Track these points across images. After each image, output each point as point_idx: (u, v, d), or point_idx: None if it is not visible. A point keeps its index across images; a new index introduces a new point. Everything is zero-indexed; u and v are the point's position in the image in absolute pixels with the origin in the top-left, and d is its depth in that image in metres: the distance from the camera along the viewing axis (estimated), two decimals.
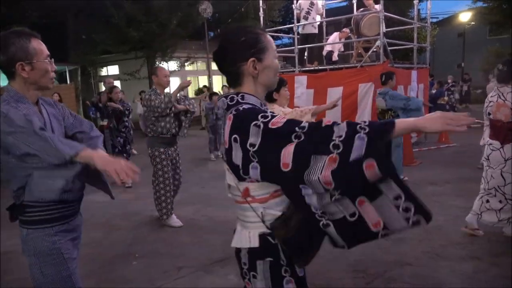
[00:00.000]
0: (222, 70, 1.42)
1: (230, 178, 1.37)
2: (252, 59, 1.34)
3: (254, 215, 1.34)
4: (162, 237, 4.02)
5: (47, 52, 1.65)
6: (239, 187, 1.34)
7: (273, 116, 1.24)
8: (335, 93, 7.32)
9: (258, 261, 1.34)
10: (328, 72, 7.75)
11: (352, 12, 9.17)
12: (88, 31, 15.16)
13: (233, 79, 1.41)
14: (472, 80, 18.50)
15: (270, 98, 3.57)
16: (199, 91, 17.66)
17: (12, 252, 3.54)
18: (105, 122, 7.44)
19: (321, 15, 8.78)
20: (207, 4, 14.55)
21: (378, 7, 7.81)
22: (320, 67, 8.18)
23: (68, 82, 15.78)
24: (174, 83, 20.34)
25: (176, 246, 3.73)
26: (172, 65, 17.21)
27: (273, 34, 12.93)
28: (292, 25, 8.82)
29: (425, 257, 3.20)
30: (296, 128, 1.20)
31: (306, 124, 1.20)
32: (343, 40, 8.91)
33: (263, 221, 1.32)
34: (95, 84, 18.12)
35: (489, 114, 3.40)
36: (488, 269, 2.96)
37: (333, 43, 8.79)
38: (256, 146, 1.22)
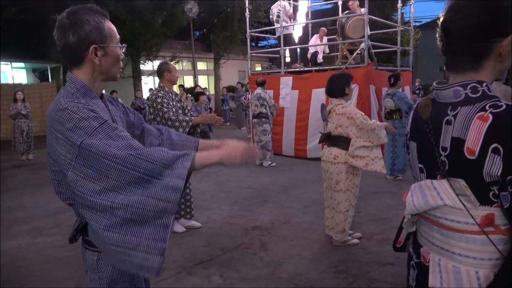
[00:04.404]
0: (451, 45, 1.03)
1: (452, 198, 1.01)
2: None
3: (492, 250, 0.98)
4: None
5: (118, 35, 1.35)
6: (473, 212, 0.98)
7: None
8: (319, 94, 7.38)
9: None
10: (313, 73, 7.80)
11: (337, 14, 9.26)
12: None
13: (467, 60, 1.01)
14: None
15: (340, 93, 3.39)
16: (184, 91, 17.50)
17: (12, 252, 3.47)
18: None
19: (291, 17, 8.80)
20: (193, 3, 14.45)
21: (362, 10, 7.91)
22: (305, 69, 8.23)
23: (50, 80, 15.45)
24: None
25: None
26: (157, 65, 17.05)
27: (258, 35, 12.97)
28: (274, 26, 8.85)
29: (406, 257, 3.24)
30: None
31: None
32: (325, 38, 8.98)
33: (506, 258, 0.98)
34: None
35: None
36: None
37: (315, 45, 8.87)
38: None
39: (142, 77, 16.63)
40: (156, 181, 1.11)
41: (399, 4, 8.85)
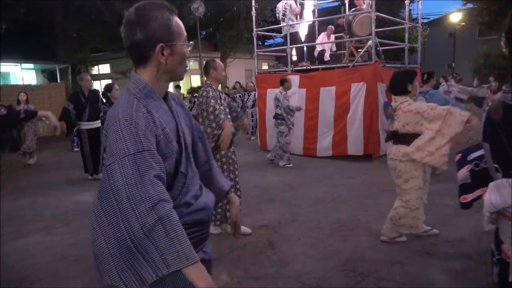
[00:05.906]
0: None
1: None
2: None
3: None
4: None
5: (185, 33, 1.28)
6: None
7: None
8: (327, 93, 7.34)
9: None
10: (320, 71, 7.76)
11: (344, 12, 9.20)
12: (77, 29, 14.99)
13: None
14: (463, 80, 18.74)
15: (402, 90, 3.32)
16: (191, 90, 17.59)
17: (22, 250, 3.52)
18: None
19: (297, 15, 8.73)
20: (199, 3, 14.48)
21: (365, 6, 7.85)
22: (312, 67, 8.19)
23: (59, 81, 15.60)
24: None
25: None
26: None
27: (265, 33, 12.94)
28: (281, 25, 8.81)
29: (414, 256, 3.21)
30: None
31: None
32: (332, 36, 8.89)
33: None
34: None
35: None
36: (477, 267, 2.97)
37: (322, 43, 8.81)
38: None
39: None
40: (140, 258, 1.05)
41: (407, 1, 8.75)
